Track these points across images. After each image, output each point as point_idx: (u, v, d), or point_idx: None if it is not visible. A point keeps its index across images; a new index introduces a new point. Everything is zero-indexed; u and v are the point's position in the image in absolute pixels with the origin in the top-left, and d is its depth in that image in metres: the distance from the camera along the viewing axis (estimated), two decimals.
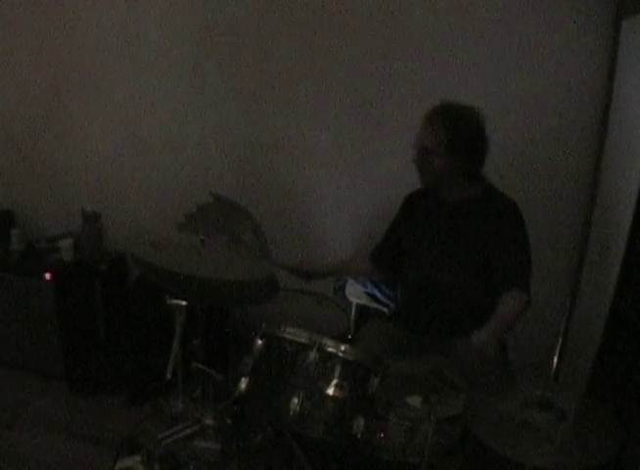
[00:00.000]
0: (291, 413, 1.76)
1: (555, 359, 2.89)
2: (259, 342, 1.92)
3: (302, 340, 1.85)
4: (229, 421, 2.39)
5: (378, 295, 2.91)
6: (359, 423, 1.78)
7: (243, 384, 1.88)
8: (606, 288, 2.47)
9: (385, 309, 2.85)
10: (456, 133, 2.15)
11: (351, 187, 3.20)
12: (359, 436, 1.77)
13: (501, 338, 2.14)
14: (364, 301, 2.98)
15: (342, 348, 1.83)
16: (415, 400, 1.87)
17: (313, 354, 1.81)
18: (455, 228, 2.32)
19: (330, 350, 1.82)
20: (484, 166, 2.30)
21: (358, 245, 3.20)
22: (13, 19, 3.42)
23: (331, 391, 1.79)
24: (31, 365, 3.40)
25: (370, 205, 3.13)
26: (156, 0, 3.22)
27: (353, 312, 3.01)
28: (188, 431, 2.41)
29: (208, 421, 2.40)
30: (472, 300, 2.33)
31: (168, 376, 2.19)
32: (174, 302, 2.25)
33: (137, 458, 2.36)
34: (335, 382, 1.80)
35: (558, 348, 2.89)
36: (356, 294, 3.00)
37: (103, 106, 3.45)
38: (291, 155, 3.24)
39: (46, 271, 3.20)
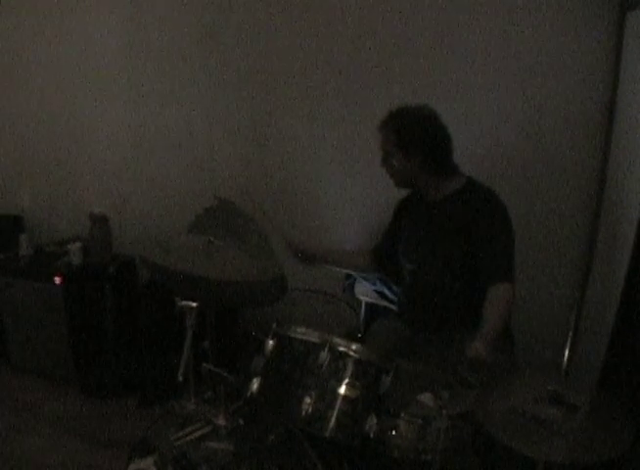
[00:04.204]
0: (303, 413, 1.77)
1: (566, 354, 2.88)
2: (270, 342, 1.92)
3: (313, 339, 1.85)
4: (241, 422, 2.40)
5: (387, 293, 2.91)
6: (371, 422, 1.78)
7: (254, 384, 1.88)
8: (616, 281, 2.47)
9: (394, 307, 2.85)
10: (403, 133, 2.25)
11: (358, 184, 3.20)
12: (372, 435, 1.78)
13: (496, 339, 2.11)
14: (373, 299, 2.98)
15: (354, 347, 1.83)
16: (427, 398, 1.87)
17: (324, 354, 1.81)
18: (437, 225, 2.35)
19: (341, 349, 1.82)
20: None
21: (364, 241, 3.20)
22: (21, 24, 3.43)
23: (343, 390, 1.79)
24: (42, 369, 3.42)
25: (377, 201, 3.12)
26: (160, 1, 3.23)
27: (363, 311, 3.02)
28: (200, 432, 2.42)
29: (220, 422, 2.41)
30: (462, 294, 2.33)
31: (180, 378, 2.19)
32: (184, 303, 2.26)
33: (150, 460, 2.37)
34: (346, 381, 1.80)
35: (569, 342, 2.89)
36: (365, 292, 3.01)
37: (109, 109, 3.47)
38: (297, 154, 3.25)
39: (55, 275, 3.22)
